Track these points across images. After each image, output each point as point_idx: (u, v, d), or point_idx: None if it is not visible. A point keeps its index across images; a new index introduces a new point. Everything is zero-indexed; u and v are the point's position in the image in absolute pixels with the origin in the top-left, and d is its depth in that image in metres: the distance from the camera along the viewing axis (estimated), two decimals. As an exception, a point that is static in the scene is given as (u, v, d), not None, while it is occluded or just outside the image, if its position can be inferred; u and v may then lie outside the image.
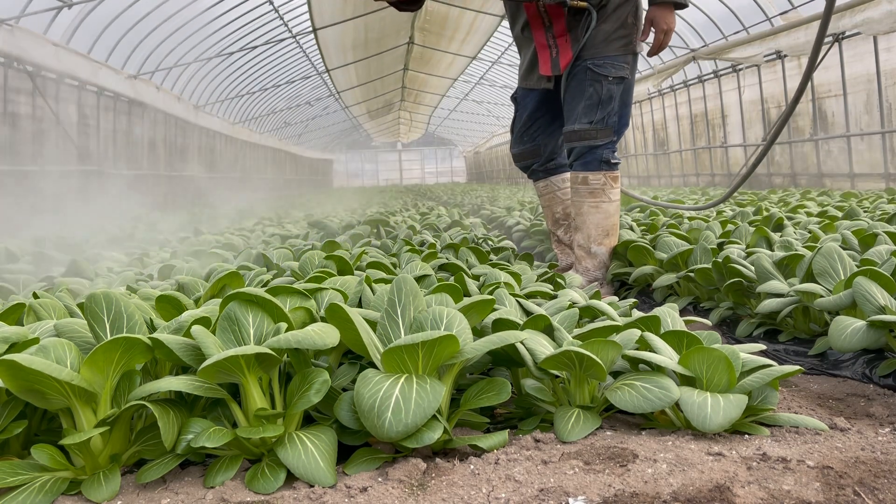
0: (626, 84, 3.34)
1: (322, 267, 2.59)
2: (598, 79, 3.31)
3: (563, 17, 3.37)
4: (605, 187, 3.38)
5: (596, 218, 3.41)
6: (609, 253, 3.45)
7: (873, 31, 8.86)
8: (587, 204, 3.41)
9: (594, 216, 3.41)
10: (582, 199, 3.42)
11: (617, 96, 3.33)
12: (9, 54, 8.61)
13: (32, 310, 1.86)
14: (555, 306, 2.02)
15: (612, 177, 3.39)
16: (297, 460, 1.23)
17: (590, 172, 3.38)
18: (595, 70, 3.30)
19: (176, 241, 5.24)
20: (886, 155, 10.07)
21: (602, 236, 3.42)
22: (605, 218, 3.41)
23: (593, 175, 3.37)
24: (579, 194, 3.43)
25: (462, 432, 1.47)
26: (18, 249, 4.35)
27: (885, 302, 1.86)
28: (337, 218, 6.88)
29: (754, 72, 13.17)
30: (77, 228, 7.87)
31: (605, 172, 3.37)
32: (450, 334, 1.32)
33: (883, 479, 1.15)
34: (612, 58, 3.31)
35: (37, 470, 1.23)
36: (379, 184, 44.39)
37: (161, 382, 1.27)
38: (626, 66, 3.31)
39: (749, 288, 2.59)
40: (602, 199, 3.39)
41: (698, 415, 1.33)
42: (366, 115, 29.87)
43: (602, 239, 3.42)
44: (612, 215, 3.43)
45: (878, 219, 3.96)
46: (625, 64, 3.31)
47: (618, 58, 3.31)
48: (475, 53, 19.06)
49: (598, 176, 3.36)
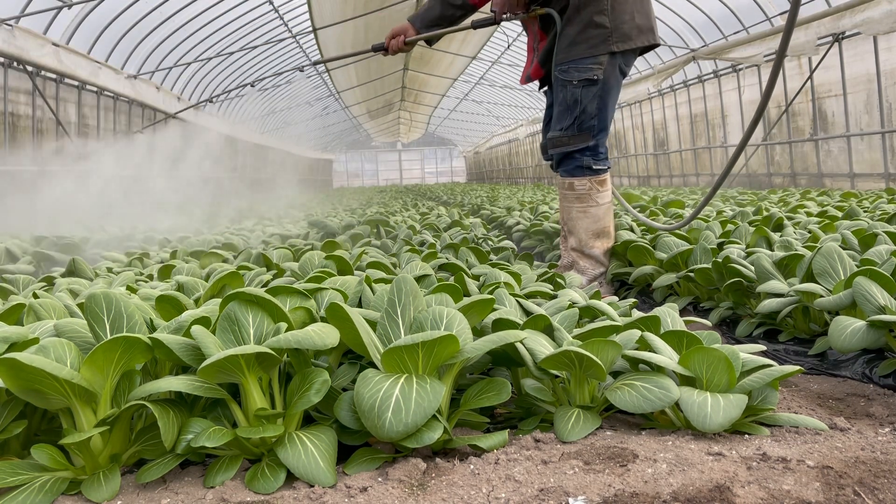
0: (601, 85, 3.22)
1: (322, 267, 2.60)
2: (564, 84, 3.27)
3: (537, 25, 3.37)
4: (591, 192, 3.34)
5: (585, 223, 3.39)
6: (604, 252, 3.44)
7: (873, 31, 8.86)
8: (575, 209, 3.39)
9: (583, 221, 3.39)
10: (570, 204, 3.40)
11: (588, 99, 3.23)
12: (9, 54, 8.61)
13: (32, 310, 1.86)
14: (555, 306, 2.02)
15: (599, 181, 3.35)
16: (297, 460, 1.23)
17: (574, 178, 3.35)
18: (560, 76, 3.27)
19: (176, 241, 5.23)
20: (886, 155, 10.07)
21: (593, 239, 3.41)
22: (594, 222, 3.39)
23: (578, 181, 3.34)
24: (567, 199, 3.42)
25: (462, 432, 1.47)
26: (18, 249, 4.35)
27: (885, 302, 1.86)
28: (337, 218, 6.88)
29: (754, 72, 13.17)
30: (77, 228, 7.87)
31: (591, 177, 3.33)
32: (450, 334, 1.32)
33: (883, 479, 1.15)
34: (576, 61, 3.22)
35: (37, 470, 1.23)
36: (379, 184, 44.40)
37: (161, 382, 1.27)
38: (595, 68, 3.20)
39: (749, 288, 2.59)
40: (589, 203, 3.36)
41: (698, 415, 1.33)
42: (366, 114, 29.87)
43: (594, 242, 3.41)
44: (601, 219, 3.40)
45: (878, 219, 3.96)
46: (593, 65, 3.20)
47: (583, 60, 3.20)
48: (475, 53, 19.07)
49: (584, 181, 3.33)
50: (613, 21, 3.17)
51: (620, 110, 19.50)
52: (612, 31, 3.17)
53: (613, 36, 3.17)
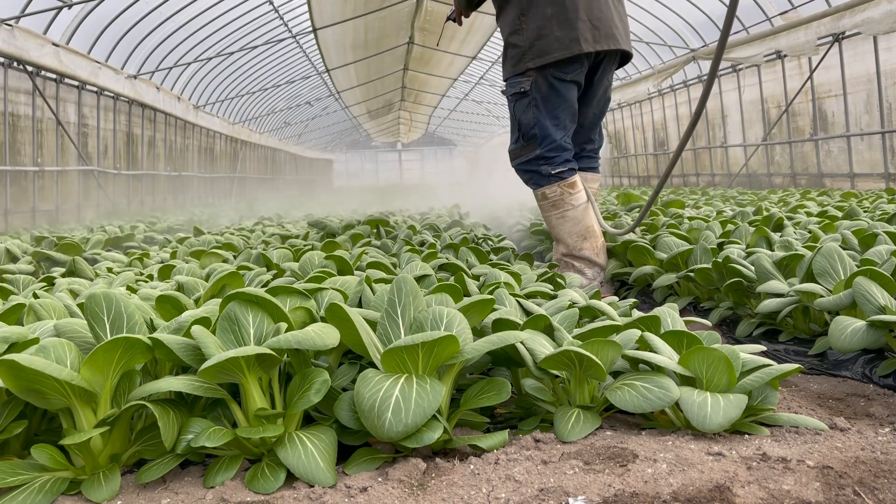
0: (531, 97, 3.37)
1: (322, 267, 2.59)
2: (507, 101, 3.55)
3: None
4: (563, 197, 3.43)
5: (567, 227, 3.46)
6: (595, 252, 3.47)
7: (873, 31, 8.86)
8: (554, 217, 3.48)
9: (565, 226, 3.46)
10: (548, 213, 3.50)
11: (521, 112, 3.42)
12: (9, 54, 8.61)
13: (32, 310, 1.86)
14: (555, 306, 2.02)
15: (568, 185, 3.43)
16: (297, 460, 1.23)
17: (544, 188, 3.46)
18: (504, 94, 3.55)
19: (175, 241, 5.23)
20: (886, 155, 10.07)
21: (580, 241, 3.45)
22: (574, 224, 3.45)
23: (548, 189, 3.45)
24: (544, 209, 3.52)
25: (462, 432, 1.47)
26: (18, 249, 4.35)
27: (885, 302, 1.86)
28: (337, 218, 6.88)
29: (754, 72, 13.17)
30: (77, 228, 7.87)
31: (558, 183, 3.42)
32: (450, 334, 1.32)
33: (883, 479, 1.15)
34: (508, 80, 3.47)
35: (37, 470, 1.23)
36: (379, 184, 44.37)
37: (161, 382, 1.27)
38: (523, 81, 3.38)
39: (749, 288, 2.58)
40: (565, 208, 3.44)
41: (698, 414, 1.33)
42: (366, 115, 29.85)
43: (581, 244, 3.45)
44: (581, 220, 3.45)
45: (878, 219, 3.96)
46: (521, 80, 3.39)
47: (512, 78, 3.44)
48: (475, 53, 19.05)
49: (553, 188, 3.43)
50: (527, 40, 3.34)
51: (620, 110, 19.50)
52: (527, 50, 3.34)
53: (528, 54, 3.34)
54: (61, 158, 10.67)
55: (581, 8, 3.29)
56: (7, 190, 9.26)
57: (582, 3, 3.29)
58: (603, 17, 3.34)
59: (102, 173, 12.03)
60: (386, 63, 19.58)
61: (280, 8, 13.85)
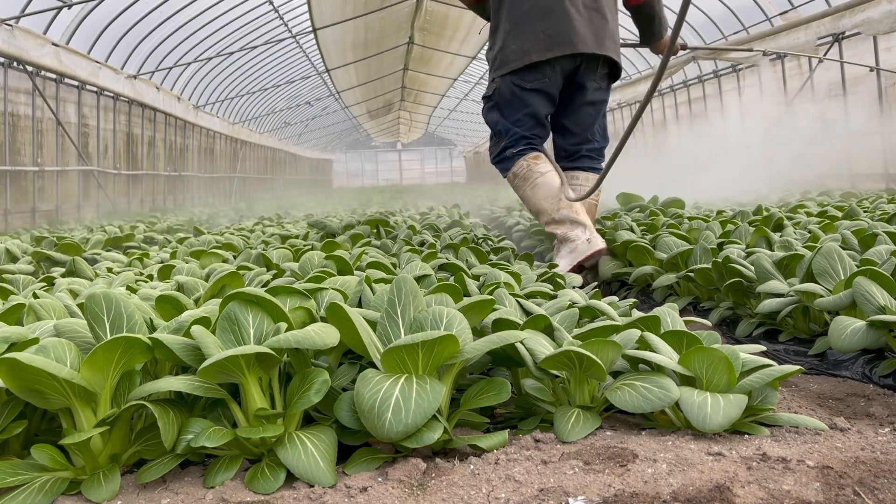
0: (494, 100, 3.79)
1: (322, 267, 2.59)
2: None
3: None
4: (530, 167, 3.72)
5: (540, 193, 3.68)
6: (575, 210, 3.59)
7: (873, 31, 8.86)
8: (527, 189, 3.74)
9: (538, 192, 3.68)
10: (521, 189, 3.78)
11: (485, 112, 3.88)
12: (9, 54, 8.61)
13: (32, 310, 1.85)
14: (555, 306, 2.02)
15: (531, 157, 3.73)
16: (296, 460, 1.23)
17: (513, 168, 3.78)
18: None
19: (175, 241, 5.23)
20: (886, 155, 10.06)
21: (556, 202, 3.62)
22: (547, 189, 3.66)
23: (516, 167, 3.77)
24: (518, 189, 3.81)
25: (462, 432, 1.47)
26: (18, 249, 4.34)
27: (885, 302, 1.86)
28: (337, 218, 6.88)
29: (754, 72, 13.15)
30: (77, 228, 7.87)
31: (523, 157, 3.73)
32: (450, 334, 1.32)
33: (883, 479, 1.15)
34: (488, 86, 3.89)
35: (37, 470, 1.23)
36: (379, 184, 44.35)
37: (161, 382, 1.27)
38: (491, 86, 3.82)
39: (749, 288, 2.58)
40: (534, 177, 3.70)
41: (698, 415, 1.33)
42: (366, 115, 29.85)
43: (557, 204, 3.61)
44: (551, 184, 3.67)
45: (878, 219, 3.96)
46: (490, 86, 3.84)
47: (488, 86, 3.87)
48: (475, 53, 19.06)
49: (519, 164, 3.75)
50: (494, 53, 3.78)
51: (620, 110, 19.48)
52: (493, 62, 3.79)
53: (494, 63, 3.78)
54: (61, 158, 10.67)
55: (534, 21, 3.61)
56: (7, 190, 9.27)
57: (535, 17, 3.59)
58: (558, 27, 3.57)
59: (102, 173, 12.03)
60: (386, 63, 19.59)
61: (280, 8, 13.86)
